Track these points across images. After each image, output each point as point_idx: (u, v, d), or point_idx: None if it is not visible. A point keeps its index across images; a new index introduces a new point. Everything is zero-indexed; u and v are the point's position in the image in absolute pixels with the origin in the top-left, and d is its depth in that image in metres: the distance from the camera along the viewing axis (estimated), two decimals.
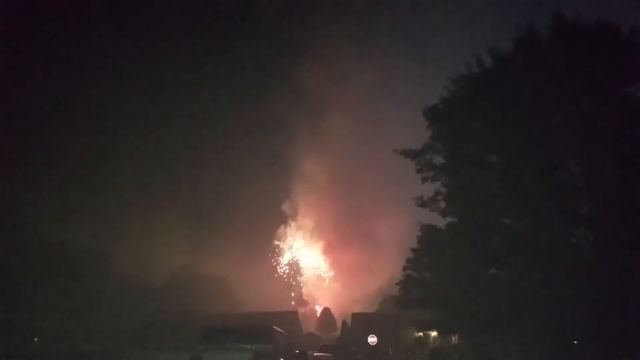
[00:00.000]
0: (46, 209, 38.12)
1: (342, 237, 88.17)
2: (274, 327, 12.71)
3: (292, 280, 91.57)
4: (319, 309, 78.92)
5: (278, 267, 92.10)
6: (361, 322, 56.82)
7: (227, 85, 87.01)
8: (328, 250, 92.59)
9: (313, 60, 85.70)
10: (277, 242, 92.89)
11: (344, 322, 63.34)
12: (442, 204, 21.92)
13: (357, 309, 70.69)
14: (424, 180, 21.74)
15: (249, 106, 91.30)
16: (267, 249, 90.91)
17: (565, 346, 19.66)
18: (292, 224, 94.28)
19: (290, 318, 56.17)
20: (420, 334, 44.98)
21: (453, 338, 37.14)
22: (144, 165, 63.70)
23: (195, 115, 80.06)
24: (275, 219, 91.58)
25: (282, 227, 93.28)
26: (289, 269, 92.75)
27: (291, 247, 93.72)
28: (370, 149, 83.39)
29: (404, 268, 29.13)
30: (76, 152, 52.17)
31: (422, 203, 22.03)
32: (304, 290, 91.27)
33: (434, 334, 42.00)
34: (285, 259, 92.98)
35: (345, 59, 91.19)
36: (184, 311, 49.69)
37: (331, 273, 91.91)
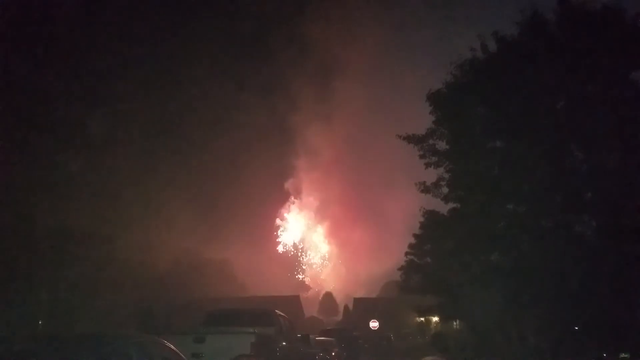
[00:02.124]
0: (48, 193, 38.20)
1: (348, 217, 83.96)
2: (276, 311, 12.79)
3: (295, 264, 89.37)
4: (321, 294, 78.53)
5: (280, 247, 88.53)
6: (363, 307, 57.18)
7: (225, 48, 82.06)
8: (333, 231, 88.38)
9: (320, 16, 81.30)
10: (279, 223, 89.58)
11: (345, 307, 63.71)
12: (445, 190, 21.94)
13: (362, 292, 70.13)
14: (427, 165, 21.73)
15: (249, 72, 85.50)
16: (270, 230, 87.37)
17: (566, 332, 19.74)
18: (296, 201, 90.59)
19: (292, 302, 56.47)
20: (422, 319, 45.21)
21: (454, 323, 37.35)
22: (145, 147, 63.05)
23: (193, 85, 76.07)
24: (278, 198, 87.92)
25: (287, 204, 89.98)
26: (291, 251, 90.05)
27: (294, 229, 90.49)
28: (381, 122, 78.36)
29: (406, 253, 29.23)
30: (78, 135, 52.04)
31: (425, 188, 22.05)
32: (307, 273, 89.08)
33: (435, 319, 42.26)
34: (288, 241, 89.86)
35: (356, 18, 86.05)
36: (187, 294, 49.99)
37: (335, 256, 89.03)
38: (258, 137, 79.91)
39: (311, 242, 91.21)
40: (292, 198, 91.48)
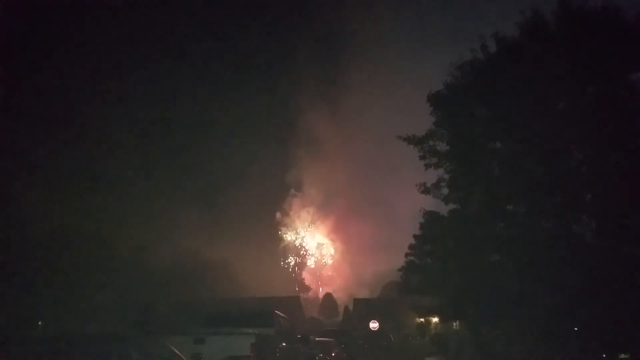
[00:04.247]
0: (48, 194, 38.21)
1: (353, 212, 79.59)
2: (277, 311, 12.80)
3: (296, 265, 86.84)
4: (322, 294, 77.54)
5: (280, 244, 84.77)
6: (363, 308, 57.08)
7: (222, 29, 78.09)
8: (337, 227, 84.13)
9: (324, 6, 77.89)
10: (279, 217, 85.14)
11: (346, 307, 63.59)
12: (445, 191, 21.92)
13: (366, 292, 68.83)
14: (427, 167, 21.72)
15: (247, 53, 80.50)
16: (270, 228, 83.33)
17: (566, 333, 19.73)
18: (298, 194, 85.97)
19: (292, 303, 56.35)
20: (422, 319, 45.19)
21: (454, 324, 37.35)
22: (143, 144, 62.03)
23: (188, 71, 72.15)
24: (278, 190, 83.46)
25: (288, 200, 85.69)
26: (292, 250, 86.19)
27: (295, 227, 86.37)
28: (389, 109, 72.74)
29: (406, 254, 29.19)
30: (77, 135, 51.99)
31: (425, 189, 22.03)
32: (308, 273, 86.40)
33: (435, 320, 42.26)
34: (289, 238, 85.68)
35: (360, 11, 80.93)
36: (187, 295, 49.85)
37: (339, 254, 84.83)
38: (257, 124, 75.73)
39: (313, 239, 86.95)
40: (293, 191, 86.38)
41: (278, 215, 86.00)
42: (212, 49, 76.89)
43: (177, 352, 4.88)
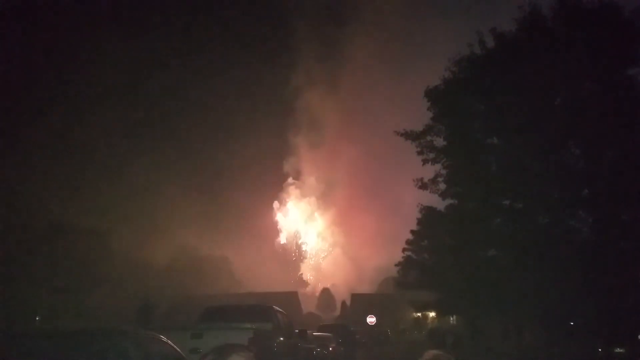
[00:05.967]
0: (46, 189, 38.15)
1: (355, 201, 76.97)
2: (274, 306, 12.81)
3: (294, 258, 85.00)
4: (319, 289, 77.21)
5: (278, 237, 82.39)
6: (360, 303, 57.29)
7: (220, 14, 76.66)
8: (338, 219, 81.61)
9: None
10: (276, 206, 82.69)
11: (343, 303, 63.78)
12: (442, 186, 21.95)
13: (365, 288, 68.47)
14: (425, 162, 21.72)
15: (240, 33, 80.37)
16: (267, 218, 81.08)
17: (562, 328, 19.82)
18: (296, 182, 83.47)
19: (290, 298, 56.48)
20: (419, 314, 45.38)
21: (451, 319, 37.49)
22: (141, 140, 61.82)
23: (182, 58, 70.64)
24: (275, 179, 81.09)
25: (285, 186, 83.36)
26: (290, 244, 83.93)
27: (294, 217, 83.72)
28: (394, 96, 71.30)
29: (404, 250, 29.29)
30: (74, 130, 51.89)
31: (422, 185, 22.04)
32: (307, 268, 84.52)
33: (432, 314, 42.43)
34: (286, 233, 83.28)
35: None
36: (184, 291, 49.92)
37: (340, 246, 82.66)
38: (254, 110, 74.42)
39: (312, 233, 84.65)
40: (291, 179, 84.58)
41: (276, 204, 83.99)
42: (209, 40, 76.47)
43: (175, 347, 4.89)
